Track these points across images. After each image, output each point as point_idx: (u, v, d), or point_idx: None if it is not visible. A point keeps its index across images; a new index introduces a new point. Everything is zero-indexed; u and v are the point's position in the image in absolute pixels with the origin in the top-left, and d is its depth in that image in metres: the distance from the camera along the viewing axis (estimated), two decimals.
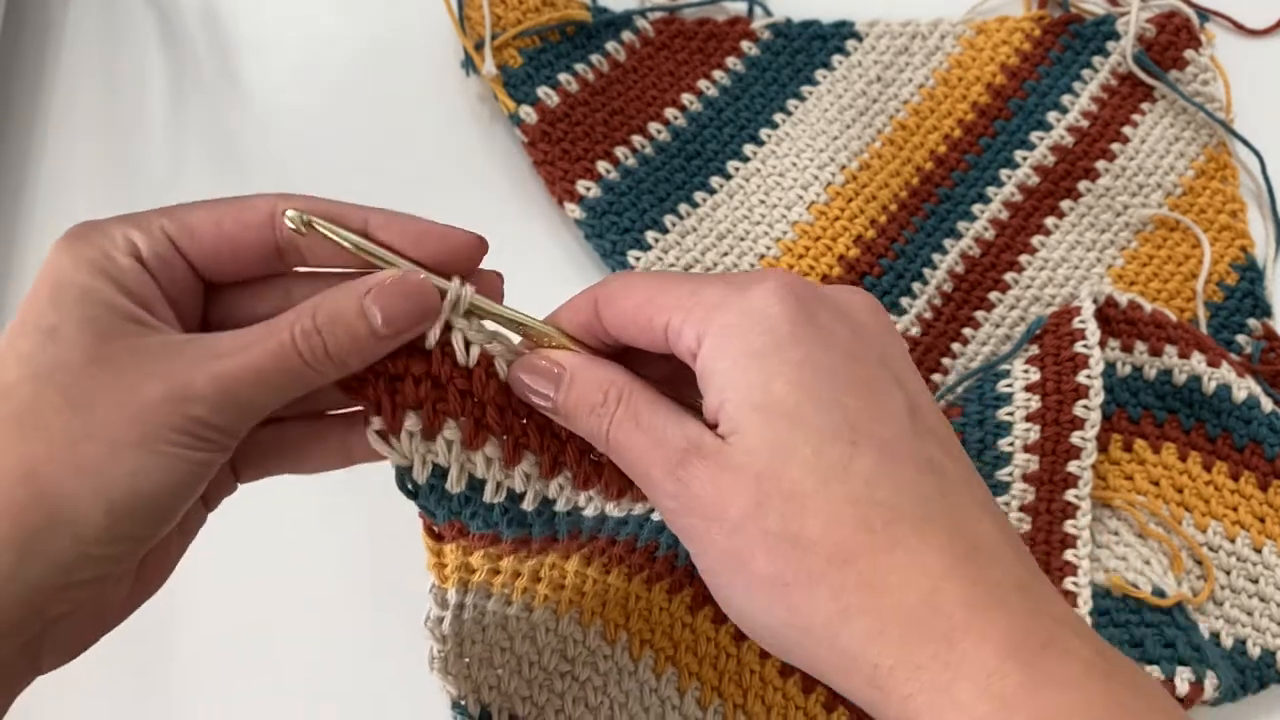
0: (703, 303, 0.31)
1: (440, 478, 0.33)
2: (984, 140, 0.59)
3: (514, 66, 0.56)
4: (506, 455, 0.33)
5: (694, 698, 0.43)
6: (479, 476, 0.33)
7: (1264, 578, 0.49)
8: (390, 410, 0.32)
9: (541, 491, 0.34)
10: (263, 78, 0.58)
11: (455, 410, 0.32)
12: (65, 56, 0.57)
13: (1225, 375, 0.50)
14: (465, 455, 0.33)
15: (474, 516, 0.34)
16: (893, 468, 0.30)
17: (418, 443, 0.32)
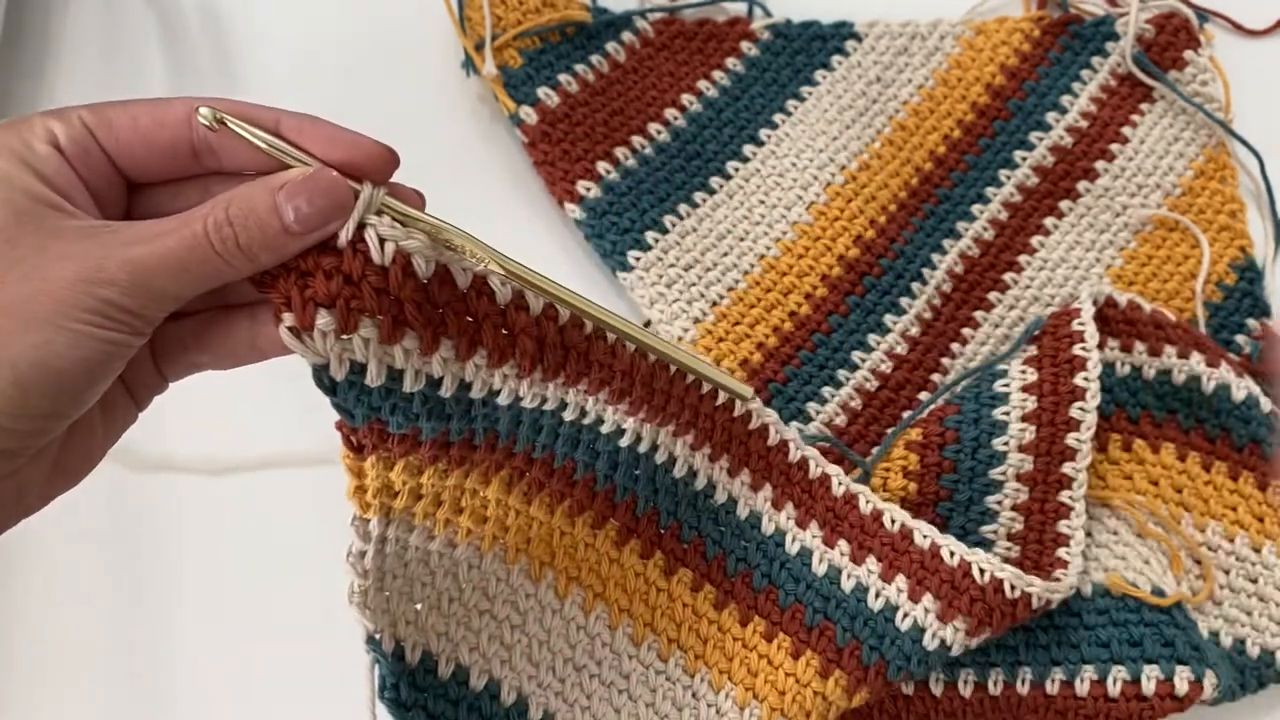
0: None
1: (359, 373, 0.33)
2: (983, 141, 0.59)
3: (514, 67, 0.56)
4: (424, 345, 0.34)
5: (626, 634, 0.43)
6: (398, 367, 0.33)
7: (1263, 577, 0.49)
8: (300, 306, 0.32)
9: (458, 375, 0.35)
10: (263, 78, 0.58)
11: (371, 308, 0.32)
12: (65, 56, 0.57)
13: (1224, 375, 0.50)
14: (383, 350, 0.33)
15: (394, 410, 0.34)
16: None
17: (331, 341, 0.32)
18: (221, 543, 0.49)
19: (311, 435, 0.51)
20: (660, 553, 0.43)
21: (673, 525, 0.43)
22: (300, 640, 0.47)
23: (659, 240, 0.54)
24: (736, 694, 0.43)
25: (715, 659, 0.44)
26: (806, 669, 0.43)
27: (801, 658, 0.44)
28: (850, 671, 0.43)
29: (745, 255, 0.55)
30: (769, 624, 0.44)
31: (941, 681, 0.47)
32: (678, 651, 0.43)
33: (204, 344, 0.34)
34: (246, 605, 0.48)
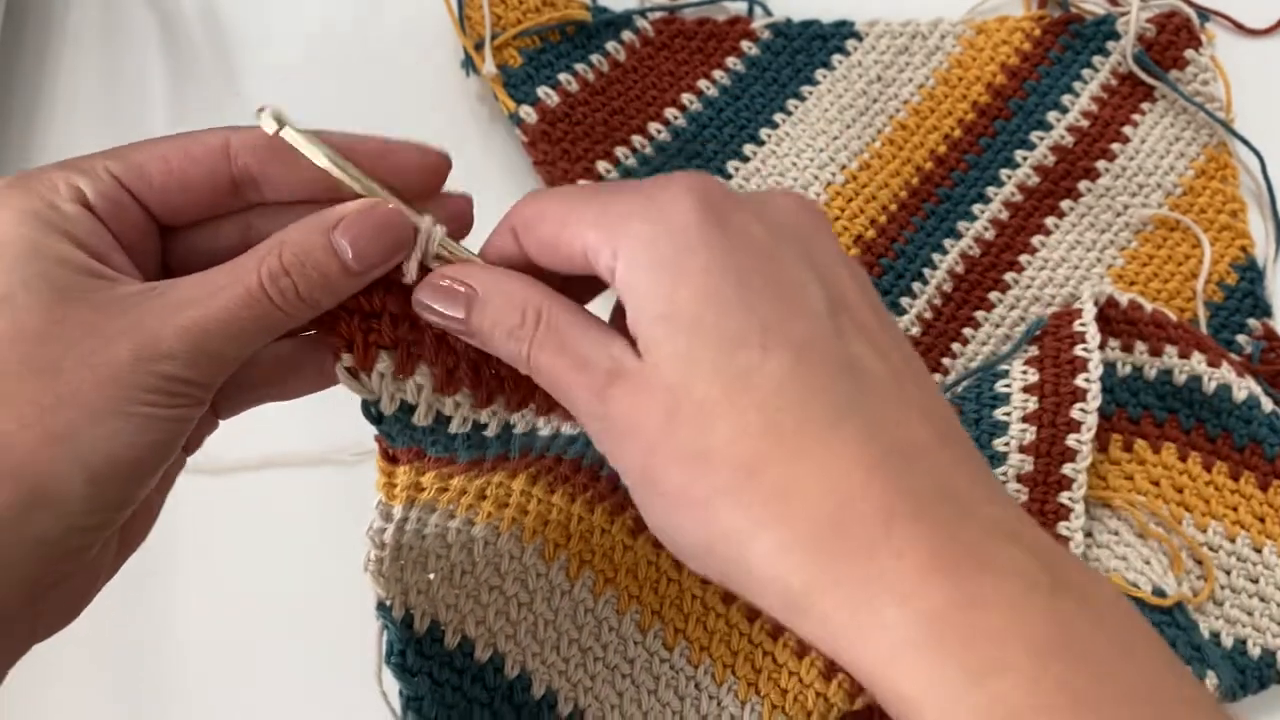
0: (614, 216, 0.29)
1: (407, 412, 0.33)
2: (984, 140, 0.59)
3: (514, 66, 0.56)
4: (479, 400, 0.33)
5: (633, 620, 0.42)
6: (447, 414, 0.33)
7: (1264, 578, 0.49)
8: (363, 349, 0.31)
9: (504, 419, 0.34)
10: (263, 78, 0.58)
11: (430, 356, 0.32)
12: (65, 57, 0.57)
13: (1225, 375, 0.50)
14: (436, 399, 0.33)
15: (434, 444, 0.34)
16: (806, 371, 0.27)
17: (388, 382, 0.32)
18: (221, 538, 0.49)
19: (315, 434, 0.51)
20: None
21: None
22: (300, 636, 0.47)
23: None
24: (739, 688, 0.43)
25: (720, 652, 0.44)
26: (810, 670, 0.43)
27: (806, 658, 0.43)
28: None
29: None
30: (776, 621, 0.44)
31: None
32: (683, 641, 0.43)
33: (270, 378, 0.33)
34: (246, 597, 0.48)
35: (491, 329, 0.30)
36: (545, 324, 0.30)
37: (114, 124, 0.56)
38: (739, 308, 0.28)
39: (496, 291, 0.30)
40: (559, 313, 0.30)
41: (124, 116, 0.56)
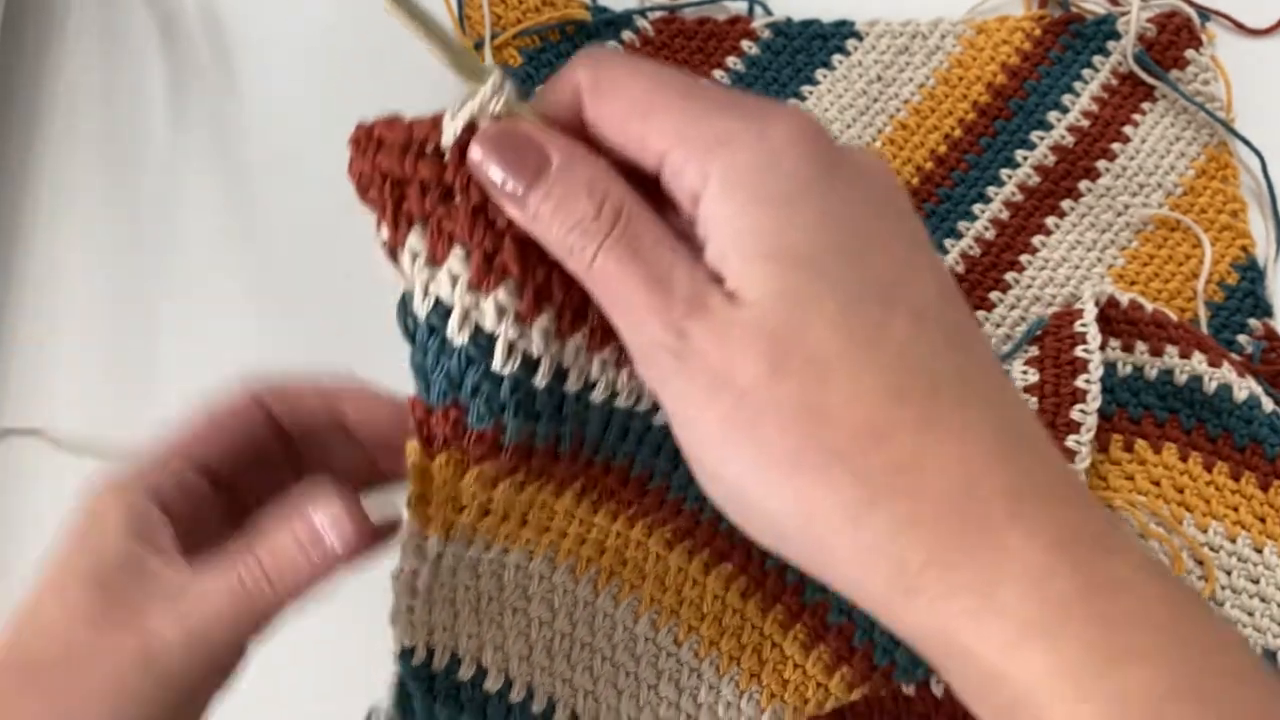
0: (709, 136, 0.26)
1: (442, 319, 0.28)
2: (984, 140, 0.59)
3: (514, 66, 0.56)
4: (525, 304, 0.27)
5: (650, 620, 0.42)
6: (487, 329, 0.27)
7: (1265, 578, 0.49)
8: (393, 221, 0.27)
9: (556, 358, 0.29)
10: (263, 78, 0.58)
11: (464, 234, 0.27)
12: (65, 57, 0.57)
13: (1226, 375, 0.50)
14: (472, 298, 0.27)
15: (476, 392, 0.28)
16: (927, 338, 0.25)
17: (420, 266, 0.27)
18: None
19: None
20: (709, 550, 0.43)
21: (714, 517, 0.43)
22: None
23: None
24: (740, 678, 0.43)
25: (728, 646, 0.44)
26: (815, 663, 0.43)
27: (813, 651, 0.44)
28: (858, 669, 0.43)
29: None
30: (788, 614, 0.44)
31: (943, 682, 0.47)
32: (694, 637, 0.43)
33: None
34: None
35: (554, 211, 0.26)
36: (624, 223, 0.26)
37: (114, 124, 0.56)
38: (858, 261, 0.25)
39: (575, 168, 0.26)
40: (642, 215, 0.26)
41: (124, 116, 0.56)
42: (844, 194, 0.26)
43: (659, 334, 0.25)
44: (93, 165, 0.55)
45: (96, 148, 0.56)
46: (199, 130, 0.56)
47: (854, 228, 0.26)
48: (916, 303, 0.26)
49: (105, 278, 0.53)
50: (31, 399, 0.50)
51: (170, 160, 0.56)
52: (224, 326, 0.52)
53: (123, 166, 0.55)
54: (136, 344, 0.52)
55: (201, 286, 0.53)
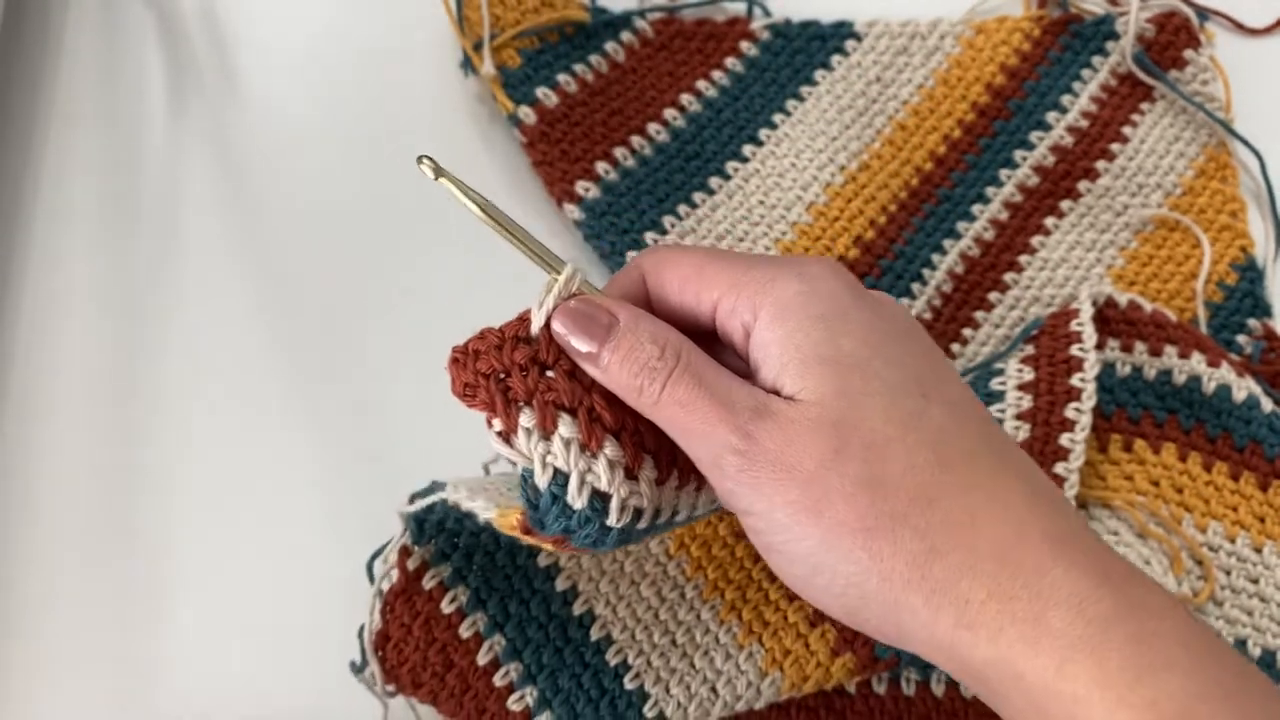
0: (756, 279, 0.31)
1: (562, 487, 0.31)
2: (983, 140, 0.59)
3: (513, 67, 0.56)
4: (628, 454, 0.31)
5: (696, 589, 0.45)
6: (602, 489, 0.31)
7: (1264, 578, 0.49)
8: (504, 410, 0.31)
9: (656, 505, 0.32)
10: (263, 78, 0.58)
11: (565, 398, 0.31)
12: (65, 56, 0.57)
13: (1225, 375, 0.50)
14: (585, 462, 0.31)
15: (586, 538, 0.32)
16: (962, 419, 0.31)
17: (536, 441, 0.31)
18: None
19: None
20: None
21: None
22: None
23: (658, 241, 0.54)
24: (739, 632, 0.45)
25: (750, 618, 0.45)
26: (820, 641, 0.44)
27: (819, 628, 0.44)
28: (860, 656, 0.44)
29: None
30: (814, 611, 0.44)
31: (944, 682, 0.47)
32: (719, 600, 0.44)
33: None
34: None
35: (624, 360, 0.31)
36: (685, 360, 0.31)
37: (114, 124, 0.56)
38: (898, 362, 0.31)
39: (637, 324, 0.31)
40: (697, 355, 0.31)
41: (124, 116, 0.56)
42: (875, 313, 0.32)
43: (728, 439, 0.30)
44: (93, 165, 0.55)
45: (96, 147, 0.56)
46: (199, 130, 0.57)
47: (890, 338, 0.31)
48: (948, 396, 0.31)
49: (105, 278, 0.53)
50: (32, 399, 0.51)
51: (170, 160, 0.56)
52: (224, 326, 0.52)
53: (123, 166, 0.55)
54: (136, 344, 0.52)
55: (201, 286, 0.53)
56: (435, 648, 0.42)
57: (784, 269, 0.32)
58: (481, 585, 0.43)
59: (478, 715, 0.42)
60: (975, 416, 0.31)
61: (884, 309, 0.32)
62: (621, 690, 0.43)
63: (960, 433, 0.30)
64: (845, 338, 0.30)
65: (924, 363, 0.31)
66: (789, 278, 0.31)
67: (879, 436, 0.29)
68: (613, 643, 0.43)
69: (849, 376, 0.30)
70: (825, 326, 0.30)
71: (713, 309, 0.32)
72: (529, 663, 0.42)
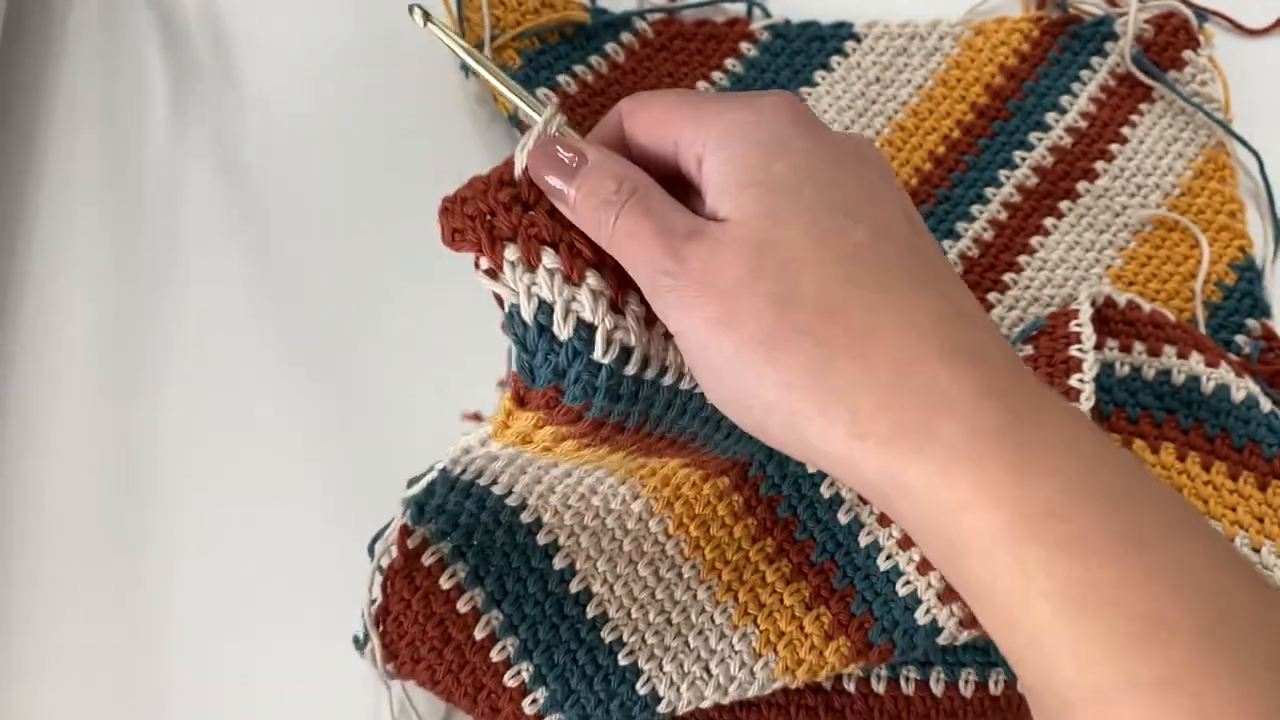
0: (713, 110, 0.32)
1: (548, 315, 0.32)
2: (982, 141, 0.59)
3: (513, 68, 0.56)
4: (611, 286, 0.33)
5: (680, 546, 0.45)
6: (586, 319, 0.32)
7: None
8: (490, 247, 0.32)
9: (645, 348, 0.33)
10: (263, 78, 0.58)
11: (550, 236, 0.32)
12: (65, 56, 0.58)
13: (1224, 375, 0.50)
14: (570, 292, 0.32)
15: (577, 380, 0.33)
16: (886, 243, 0.31)
17: (520, 273, 0.32)
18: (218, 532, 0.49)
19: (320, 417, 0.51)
20: (752, 519, 0.46)
21: (758, 475, 0.46)
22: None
23: None
24: (734, 613, 0.45)
25: (746, 599, 0.45)
26: (814, 625, 0.44)
27: (814, 611, 0.44)
28: (855, 640, 0.44)
29: None
30: (793, 568, 0.45)
31: (943, 681, 0.47)
32: (716, 580, 0.45)
33: None
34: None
35: (588, 196, 0.32)
36: (639, 194, 0.32)
37: (114, 124, 0.56)
38: (829, 186, 0.31)
39: (601, 163, 0.33)
40: (653, 190, 0.32)
41: (124, 116, 0.57)
42: (822, 145, 0.32)
43: (661, 261, 0.31)
44: (93, 165, 0.55)
45: (96, 148, 0.56)
46: (199, 130, 0.57)
47: (830, 165, 0.32)
48: (879, 221, 0.31)
49: (105, 278, 0.53)
50: (32, 399, 0.51)
51: (170, 160, 0.56)
52: (224, 326, 0.52)
53: (123, 166, 0.55)
54: (137, 344, 0.52)
55: (201, 286, 0.53)
56: (434, 622, 0.43)
57: (738, 101, 0.33)
58: (480, 562, 0.43)
59: (475, 691, 0.43)
60: (901, 237, 0.31)
61: (835, 140, 0.33)
62: (616, 667, 0.43)
63: (878, 251, 0.30)
64: (779, 162, 0.31)
65: (860, 188, 0.32)
66: (739, 107, 0.32)
67: (794, 254, 0.30)
68: (609, 620, 0.44)
69: (776, 198, 0.31)
70: (762, 151, 0.31)
71: (675, 144, 0.33)
72: (525, 639, 0.43)
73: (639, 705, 0.43)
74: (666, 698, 0.43)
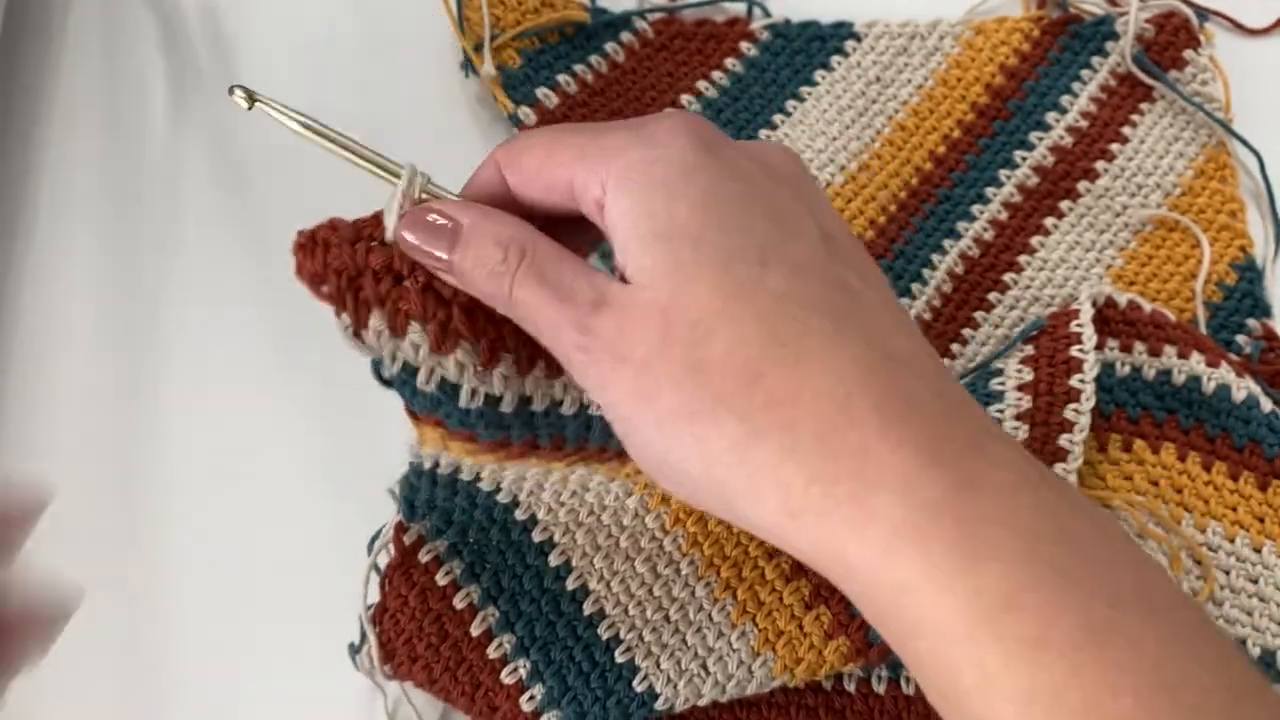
0: (604, 148, 0.30)
1: (411, 375, 0.31)
2: (983, 141, 0.59)
3: (513, 68, 0.56)
4: (481, 359, 0.31)
5: (677, 540, 0.44)
6: (451, 380, 0.31)
7: (1263, 578, 0.49)
8: (354, 308, 0.31)
9: (519, 391, 0.32)
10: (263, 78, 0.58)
11: (419, 312, 0.30)
12: (65, 56, 0.58)
13: (1224, 375, 0.50)
14: (435, 360, 0.31)
15: (449, 415, 0.32)
16: (803, 286, 0.28)
17: (385, 340, 0.31)
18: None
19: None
20: None
21: None
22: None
23: None
24: (733, 611, 0.45)
25: (745, 597, 0.45)
26: (815, 624, 0.44)
27: (814, 610, 0.44)
28: (854, 642, 0.44)
29: None
30: (793, 565, 0.45)
31: None
32: (715, 578, 0.45)
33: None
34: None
35: (474, 266, 0.30)
36: (528, 259, 0.30)
37: (114, 124, 0.56)
38: (737, 228, 0.28)
39: (480, 227, 0.30)
40: (543, 248, 0.30)
41: (124, 116, 0.57)
42: (729, 171, 0.29)
43: (571, 336, 0.29)
44: (93, 165, 0.55)
45: (96, 148, 0.56)
46: (199, 130, 0.57)
47: (737, 199, 0.29)
48: (796, 258, 0.29)
49: (105, 278, 0.53)
50: (31, 399, 0.51)
51: (170, 160, 0.56)
52: (224, 326, 0.52)
53: (123, 166, 0.55)
54: (136, 343, 0.52)
55: (201, 286, 0.53)
56: (430, 618, 0.43)
57: (631, 132, 0.30)
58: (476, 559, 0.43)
59: (472, 689, 0.43)
60: (818, 271, 0.29)
61: (743, 160, 0.30)
62: (612, 663, 0.43)
63: (802, 300, 0.28)
64: (681, 204, 0.28)
65: (770, 223, 0.29)
66: (635, 143, 0.30)
67: (705, 314, 0.27)
68: (606, 617, 0.44)
69: (680, 250, 0.28)
70: (663, 194, 0.29)
71: (568, 187, 0.30)
72: (522, 636, 0.43)
73: (636, 702, 0.43)
74: (664, 695, 0.43)
